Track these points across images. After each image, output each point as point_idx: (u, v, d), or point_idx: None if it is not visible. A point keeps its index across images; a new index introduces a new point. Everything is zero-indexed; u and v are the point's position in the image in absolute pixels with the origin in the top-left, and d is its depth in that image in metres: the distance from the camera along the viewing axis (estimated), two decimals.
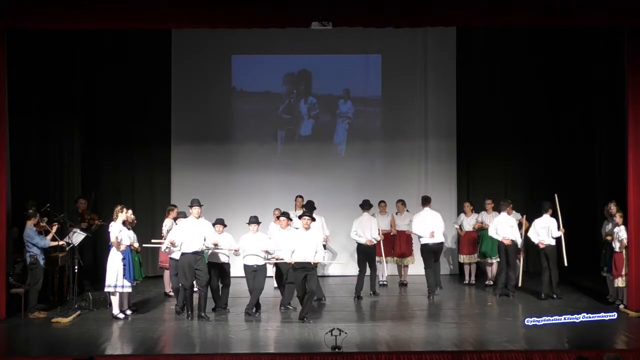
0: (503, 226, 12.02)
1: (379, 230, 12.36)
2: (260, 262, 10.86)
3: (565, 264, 11.80)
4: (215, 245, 10.77)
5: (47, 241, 10.98)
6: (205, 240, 10.55)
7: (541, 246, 11.87)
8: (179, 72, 14.70)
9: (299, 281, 10.45)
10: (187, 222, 10.71)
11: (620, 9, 10.47)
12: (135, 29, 12.71)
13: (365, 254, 12.16)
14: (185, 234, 10.52)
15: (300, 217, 10.97)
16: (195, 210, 10.61)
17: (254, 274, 10.84)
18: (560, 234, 11.79)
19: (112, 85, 14.31)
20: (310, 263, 10.51)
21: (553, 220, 11.77)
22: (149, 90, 14.46)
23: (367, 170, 14.85)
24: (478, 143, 14.75)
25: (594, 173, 14.03)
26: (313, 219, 10.91)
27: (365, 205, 12.32)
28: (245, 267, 10.90)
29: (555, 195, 11.79)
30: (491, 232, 12.24)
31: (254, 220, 10.94)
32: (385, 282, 13.29)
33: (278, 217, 11.77)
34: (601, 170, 13.78)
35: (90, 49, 13.85)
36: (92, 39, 13.54)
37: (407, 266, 13.48)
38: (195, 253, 10.46)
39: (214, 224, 10.89)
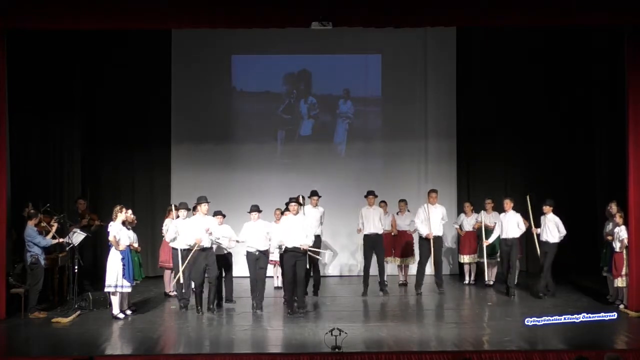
0: (510, 224, 12.13)
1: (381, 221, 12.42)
2: (262, 247, 11.03)
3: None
4: (207, 231, 10.88)
5: (49, 240, 11.00)
6: (211, 234, 10.83)
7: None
8: (179, 72, 14.71)
9: (289, 267, 10.66)
10: (194, 219, 10.95)
11: (620, 9, 10.47)
12: (135, 29, 12.70)
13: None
14: (191, 231, 10.75)
15: (287, 203, 11.08)
16: (204, 206, 10.84)
17: (256, 262, 11.04)
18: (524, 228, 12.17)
19: (112, 85, 14.31)
20: (300, 248, 10.69)
21: (557, 217, 11.83)
22: (149, 90, 14.47)
23: (367, 170, 14.84)
24: (478, 143, 14.75)
25: (594, 173, 14.03)
26: (300, 204, 11.17)
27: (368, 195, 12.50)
28: (248, 254, 11.10)
29: (528, 196, 12.00)
30: (497, 231, 12.27)
31: (255, 209, 11.11)
32: (385, 282, 13.27)
33: (282, 213, 11.80)
34: (601, 170, 13.78)
35: (91, 49, 13.84)
36: (92, 39, 13.53)
37: (407, 266, 13.47)
38: (205, 249, 10.74)
39: (213, 216, 11.17)
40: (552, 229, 11.79)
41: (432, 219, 12.10)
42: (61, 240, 11.22)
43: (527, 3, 10.57)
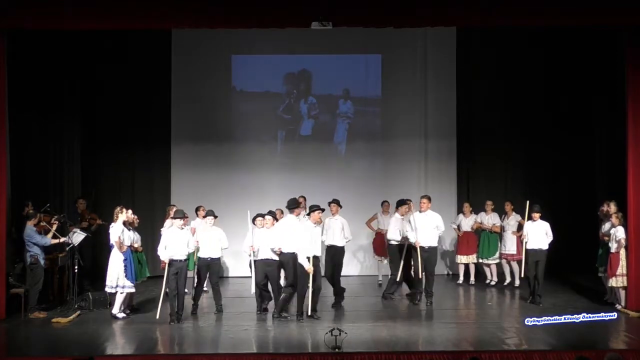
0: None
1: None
2: (214, 255, 10.84)
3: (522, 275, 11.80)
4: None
5: (48, 239, 10.98)
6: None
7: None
8: (178, 72, 14.70)
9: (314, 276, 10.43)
10: (296, 221, 10.69)
11: (620, 9, 10.47)
12: (135, 29, 12.69)
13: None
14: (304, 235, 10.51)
15: (311, 211, 10.72)
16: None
17: (207, 268, 10.90)
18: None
19: (112, 85, 14.30)
20: (318, 258, 10.60)
21: (546, 223, 11.45)
22: (149, 90, 14.46)
23: (367, 170, 14.86)
24: (478, 143, 14.75)
25: (594, 173, 14.02)
26: (322, 210, 10.81)
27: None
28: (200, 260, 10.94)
29: (528, 202, 11.51)
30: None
31: (211, 214, 10.87)
32: (380, 282, 13.35)
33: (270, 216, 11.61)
34: (601, 170, 13.77)
35: (90, 49, 13.83)
36: (92, 39, 13.52)
37: None
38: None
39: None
40: (542, 235, 11.36)
41: (420, 228, 11.29)
42: (62, 240, 11.20)
43: (527, 3, 10.57)
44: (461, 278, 13.49)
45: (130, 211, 11.09)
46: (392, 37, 14.09)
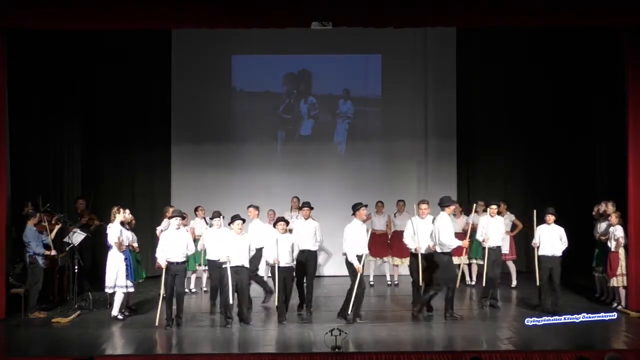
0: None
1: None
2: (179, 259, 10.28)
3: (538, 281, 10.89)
4: None
5: (42, 249, 10.91)
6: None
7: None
8: (179, 72, 14.71)
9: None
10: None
11: (620, 9, 10.48)
12: (135, 29, 12.68)
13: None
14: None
15: (355, 210, 10.38)
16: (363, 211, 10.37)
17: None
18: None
19: (112, 85, 14.30)
20: (242, 266, 10.26)
21: (561, 228, 10.91)
22: (149, 90, 14.47)
23: (367, 170, 14.86)
24: (478, 143, 14.76)
25: (594, 173, 14.02)
26: (366, 206, 10.54)
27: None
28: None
29: (535, 211, 11.12)
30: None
31: (178, 214, 10.50)
32: (372, 283, 13.33)
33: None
34: (601, 170, 13.76)
35: (90, 49, 13.82)
36: (92, 39, 13.52)
37: (397, 266, 13.40)
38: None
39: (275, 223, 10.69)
40: (557, 241, 10.76)
41: (421, 234, 10.62)
42: (52, 253, 11.11)
43: (527, 3, 10.58)
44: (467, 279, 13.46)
45: (127, 211, 11.07)
46: (392, 37, 14.09)
